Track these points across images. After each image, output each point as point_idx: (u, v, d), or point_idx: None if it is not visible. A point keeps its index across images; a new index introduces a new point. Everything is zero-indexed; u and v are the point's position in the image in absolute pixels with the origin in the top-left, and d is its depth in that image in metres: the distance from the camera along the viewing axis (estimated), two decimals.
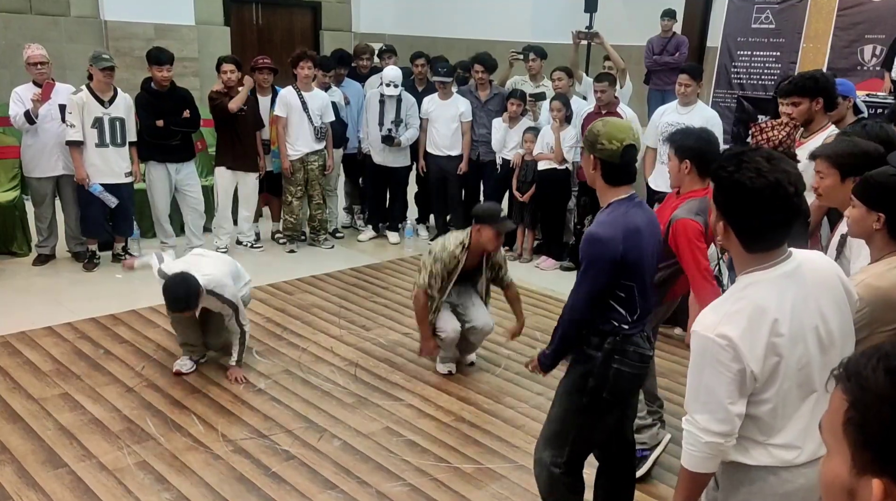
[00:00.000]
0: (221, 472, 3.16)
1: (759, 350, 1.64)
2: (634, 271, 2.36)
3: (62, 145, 5.33)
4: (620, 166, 2.35)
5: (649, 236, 2.41)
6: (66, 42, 8.04)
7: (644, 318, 2.46)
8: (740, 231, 1.69)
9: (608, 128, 2.34)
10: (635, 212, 2.38)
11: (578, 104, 6.09)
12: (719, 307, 1.70)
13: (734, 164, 1.67)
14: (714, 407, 1.68)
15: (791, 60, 7.29)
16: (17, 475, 3.07)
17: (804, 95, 3.50)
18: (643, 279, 2.41)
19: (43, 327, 4.50)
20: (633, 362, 2.44)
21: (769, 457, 1.73)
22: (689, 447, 1.74)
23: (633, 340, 2.44)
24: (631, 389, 2.55)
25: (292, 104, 5.95)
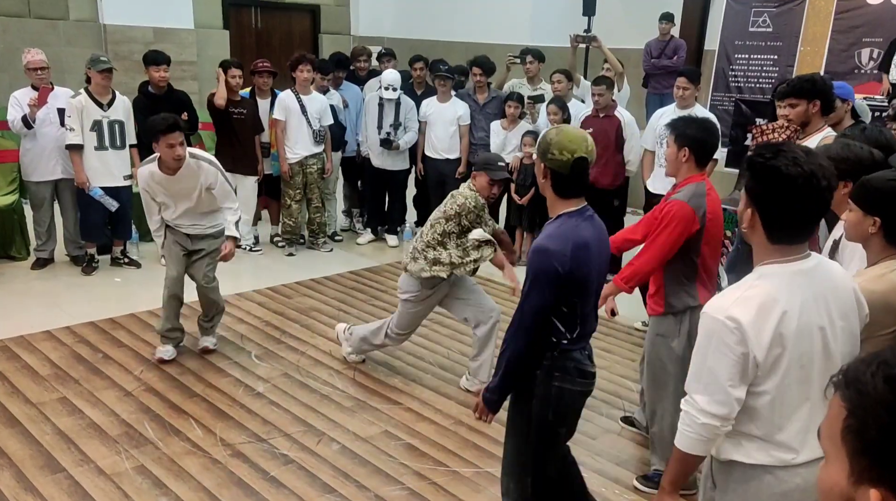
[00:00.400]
0: (220, 476, 3.15)
1: (765, 338, 1.67)
2: (580, 288, 2.28)
3: (61, 149, 5.34)
4: (569, 178, 2.27)
5: (598, 252, 2.33)
6: (64, 46, 8.04)
7: (585, 336, 2.39)
8: (768, 219, 1.70)
9: (560, 137, 2.26)
10: (585, 226, 2.30)
11: (577, 107, 6.09)
12: (732, 292, 1.73)
13: (772, 152, 1.69)
14: (714, 389, 1.71)
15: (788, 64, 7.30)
16: (16, 479, 3.07)
17: (801, 97, 3.51)
18: (588, 296, 2.34)
19: (41, 330, 4.50)
20: (574, 378, 2.36)
21: (767, 456, 1.74)
22: (685, 427, 1.77)
23: (573, 355, 2.35)
24: (576, 408, 2.47)
25: (291, 108, 5.95)
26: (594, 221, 2.35)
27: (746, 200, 1.74)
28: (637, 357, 4.50)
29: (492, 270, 4.25)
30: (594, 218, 2.36)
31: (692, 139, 2.95)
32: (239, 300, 5.17)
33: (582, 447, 3.50)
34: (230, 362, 4.23)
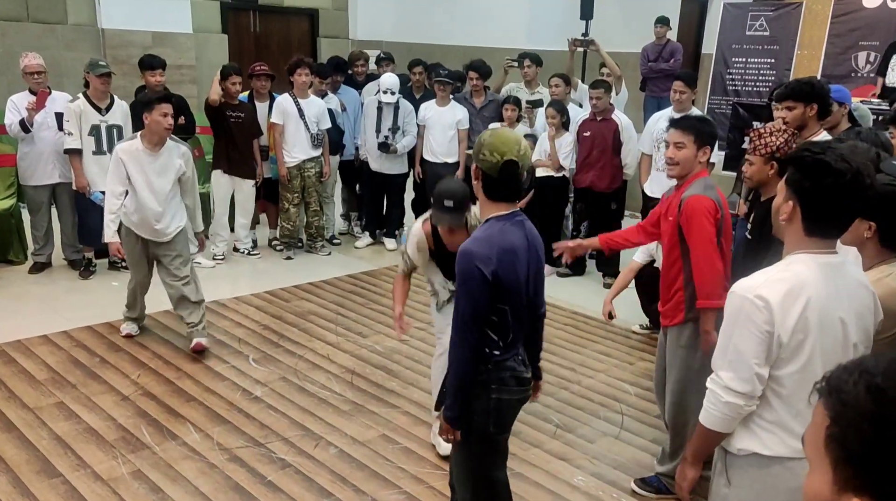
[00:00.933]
0: (217, 481, 3.15)
1: (790, 321, 1.71)
2: (508, 294, 2.21)
3: (58, 154, 5.33)
4: (498, 181, 2.21)
5: (527, 257, 2.26)
6: (63, 50, 8.04)
7: (517, 342, 2.35)
8: (810, 212, 1.73)
9: (493, 139, 2.21)
10: (513, 231, 2.23)
11: (574, 111, 6.10)
12: (762, 274, 1.77)
13: (820, 147, 1.73)
14: (739, 366, 1.76)
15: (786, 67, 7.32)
16: (12, 484, 3.06)
17: (799, 100, 3.52)
18: (518, 302, 2.27)
19: (39, 335, 4.49)
20: (512, 387, 2.33)
21: (782, 446, 1.78)
22: (709, 404, 1.83)
23: (507, 365, 2.31)
24: (514, 416, 2.45)
25: (289, 111, 5.96)
26: (525, 226, 2.28)
27: (788, 192, 1.77)
28: (635, 360, 4.50)
29: None
30: (525, 223, 2.29)
31: (711, 137, 2.99)
32: (237, 304, 5.17)
33: (579, 450, 3.51)
34: (227, 366, 4.23)
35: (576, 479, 3.27)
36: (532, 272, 2.31)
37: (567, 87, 6.17)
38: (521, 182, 2.24)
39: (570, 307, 5.36)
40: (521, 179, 2.23)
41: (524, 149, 2.22)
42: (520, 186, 2.26)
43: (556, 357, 4.52)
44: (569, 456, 3.44)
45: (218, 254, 6.06)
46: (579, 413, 3.86)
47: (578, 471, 3.33)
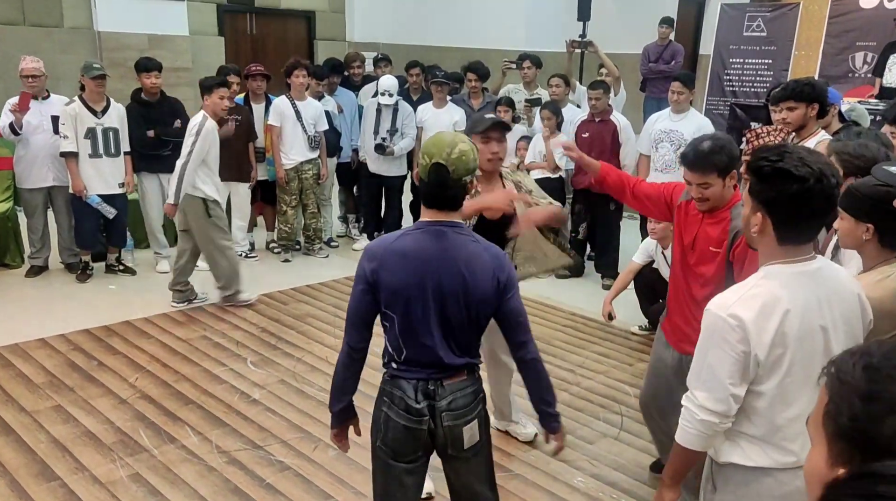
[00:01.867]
0: (215, 484, 3.13)
1: (767, 337, 1.67)
2: (392, 302, 2.05)
3: (53, 157, 5.32)
4: (427, 185, 2.06)
5: (426, 269, 2.02)
6: (59, 53, 8.02)
7: (413, 365, 2.11)
8: (779, 221, 1.70)
9: (429, 142, 2.09)
10: (420, 238, 2.05)
11: (572, 112, 6.10)
12: (736, 291, 1.74)
13: (776, 154, 1.69)
14: (714, 386, 1.72)
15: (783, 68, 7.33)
16: (10, 488, 3.04)
17: (801, 100, 3.52)
18: (406, 315, 2.06)
19: (36, 338, 4.47)
20: (400, 410, 2.12)
21: (766, 458, 1.75)
22: (685, 423, 1.79)
23: (400, 384, 2.13)
24: (406, 445, 2.15)
25: (286, 113, 5.95)
26: (445, 236, 2.05)
27: (754, 204, 1.73)
28: (634, 361, 4.49)
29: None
30: (442, 234, 2.05)
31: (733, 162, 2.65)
32: (234, 307, 5.15)
33: (579, 451, 3.50)
34: (226, 369, 4.21)
35: (575, 480, 3.26)
36: (438, 288, 2.03)
37: (566, 87, 6.17)
38: (448, 188, 2.04)
39: (569, 309, 5.36)
40: (450, 184, 2.03)
41: (459, 153, 2.02)
42: (447, 193, 2.05)
43: (556, 359, 4.51)
44: (568, 458, 3.43)
45: None
46: (579, 415, 3.85)
47: (578, 472, 3.32)
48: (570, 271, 6.04)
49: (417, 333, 2.08)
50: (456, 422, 2.13)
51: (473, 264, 2.05)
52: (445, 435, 2.13)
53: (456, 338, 2.10)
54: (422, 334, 2.08)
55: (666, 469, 1.92)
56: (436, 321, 2.06)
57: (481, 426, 2.20)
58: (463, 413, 2.13)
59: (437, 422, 2.12)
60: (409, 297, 2.04)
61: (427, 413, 2.11)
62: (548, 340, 4.79)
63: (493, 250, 2.12)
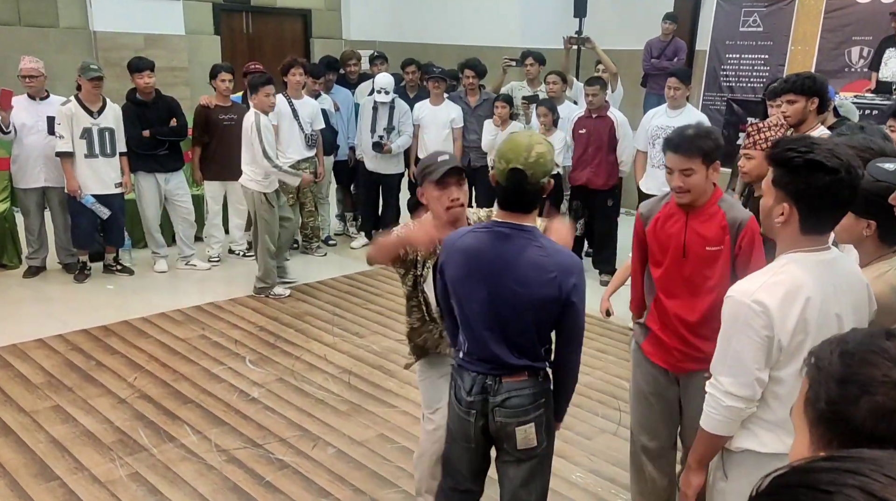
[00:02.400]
0: (215, 482, 3.14)
1: (790, 323, 1.71)
2: (453, 292, 2.17)
3: (47, 157, 5.30)
4: (503, 189, 2.07)
5: (485, 267, 2.07)
6: (55, 53, 8.00)
7: (474, 359, 2.16)
8: (806, 212, 1.72)
9: (505, 146, 2.10)
10: (480, 236, 2.11)
11: (569, 109, 6.10)
12: (758, 278, 1.76)
13: (805, 145, 1.70)
14: (739, 371, 1.76)
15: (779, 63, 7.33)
16: (10, 488, 3.05)
17: (801, 94, 3.51)
18: (464, 310, 2.14)
19: (34, 339, 4.47)
20: (455, 398, 2.25)
21: (780, 444, 1.78)
22: (710, 409, 1.83)
23: (462, 375, 2.21)
24: (460, 431, 2.25)
25: (283, 112, 5.94)
26: (509, 238, 2.06)
27: (780, 195, 1.74)
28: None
29: None
30: (508, 238, 2.06)
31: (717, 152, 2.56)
32: (233, 306, 5.15)
33: (577, 447, 3.50)
34: (224, 367, 4.22)
35: (574, 476, 3.27)
36: (498, 289, 2.06)
37: (563, 84, 6.17)
38: (525, 193, 2.05)
39: None
40: (528, 188, 2.04)
41: (536, 156, 2.02)
42: (524, 198, 2.07)
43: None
44: (566, 453, 3.44)
45: (213, 256, 6.04)
46: (577, 410, 3.85)
47: (576, 468, 3.33)
48: None
49: (475, 329, 2.14)
50: (508, 420, 2.16)
51: (531, 272, 2.03)
52: (498, 431, 2.19)
53: (512, 340, 2.12)
54: (479, 330, 2.13)
55: (691, 455, 1.96)
56: (492, 321, 2.11)
57: (540, 432, 2.20)
58: (517, 413, 2.16)
59: (489, 418, 2.19)
60: (466, 294, 2.13)
61: (476, 408, 2.18)
62: None
63: (562, 259, 2.06)
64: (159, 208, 5.78)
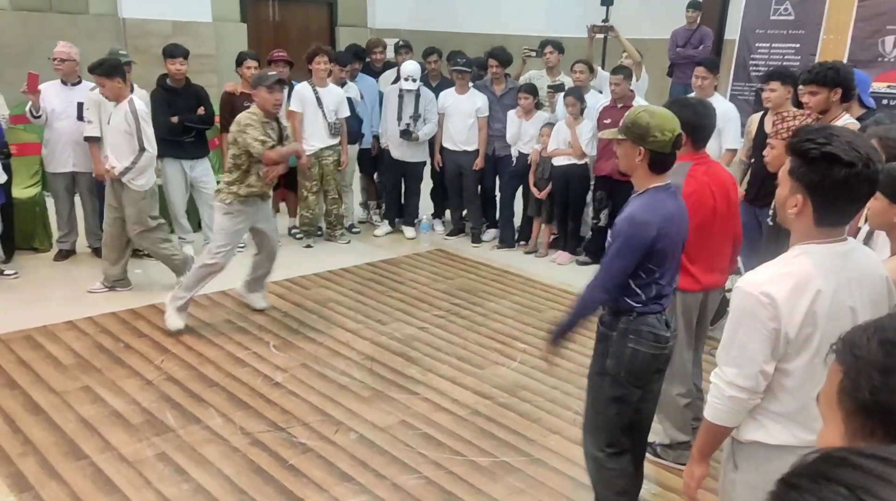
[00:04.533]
0: (239, 464, 3.19)
1: (798, 316, 1.69)
2: (662, 258, 2.42)
3: (75, 142, 5.38)
4: (670, 156, 2.41)
5: (680, 225, 2.49)
6: (84, 40, 8.07)
7: (660, 299, 2.51)
8: (821, 204, 1.69)
9: (657, 120, 2.36)
10: (670, 201, 2.45)
11: (594, 98, 6.05)
12: (767, 269, 1.75)
13: (823, 136, 1.67)
14: (743, 363, 1.74)
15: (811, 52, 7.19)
16: (40, 466, 3.12)
17: (823, 85, 3.47)
18: (668, 265, 2.47)
19: (64, 321, 4.56)
20: (649, 341, 2.50)
21: (790, 436, 1.77)
22: (713, 399, 1.82)
23: (648, 320, 2.49)
24: (648, 370, 2.56)
25: (307, 99, 5.97)
26: (677, 197, 2.49)
27: (794, 185, 1.72)
28: None
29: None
30: (677, 195, 2.50)
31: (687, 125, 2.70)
32: None
33: None
34: (248, 352, 4.27)
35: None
36: (681, 238, 2.53)
37: (590, 73, 6.12)
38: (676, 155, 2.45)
39: None
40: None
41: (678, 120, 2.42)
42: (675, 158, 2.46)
43: (576, 345, 4.50)
44: None
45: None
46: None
47: None
48: (590, 257, 6.03)
49: (670, 278, 2.51)
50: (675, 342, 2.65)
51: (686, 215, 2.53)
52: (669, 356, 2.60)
53: (674, 274, 2.56)
54: (670, 277, 2.52)
55: (695, 445, 1.95)
56: (676, 263, 2.53)
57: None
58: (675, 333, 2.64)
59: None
60: (673, 250, 2.45)
61: (672, 339, 2.56)
62: None
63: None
64: (185, 194, 5.84)
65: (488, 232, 6.69)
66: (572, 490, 3.11)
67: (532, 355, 4.31)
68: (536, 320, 4.87)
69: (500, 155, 6.37)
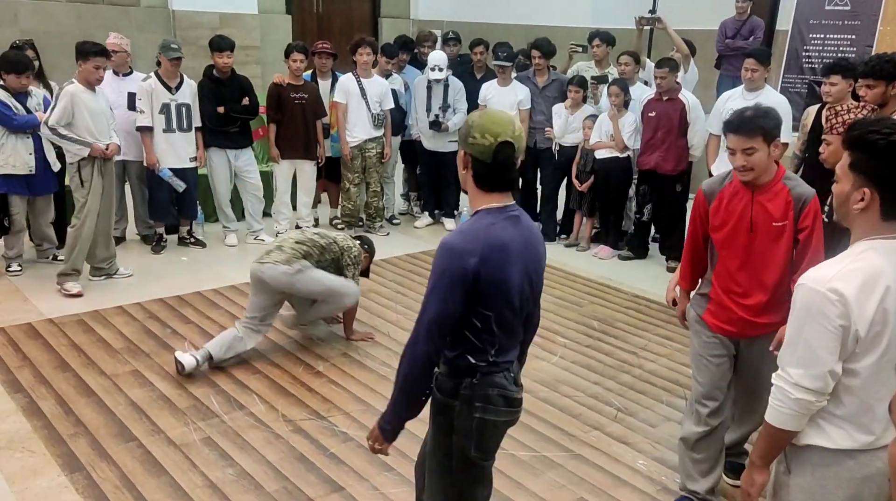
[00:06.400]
0: (282, 451, 3.24)
1: (868, 312, 1.63)
2: (494, 297, 1.93)
3: (126, 132, 5.49)
4: (493, 167, 1.93)
5: (523, 257, 1.97)
6: (135, 31, 8.28)
7: (508, 353, 2.05)
8: (888, 196, 1.64)
9: (484, 120, 1.95)
10: (505, 226, 1.95)
11: (641, 90, 5.96)
12: (834, 265, 1.68)
13: (888, 127, 1.63)
14: (810, 363, 1.67)
15: (867, 44, 6.95)
16: (91, 447, 3.22)
17: (880, 78, 3.36)
18: (507, 308, 1.97)
19: (114, 306, 4.69)
20: (499, 407, 2.02)
21: (849, 440, 1.71)
22: (777, 402, 1.74)
23: (495, 380, 2.01)
24: (500, 440, 2.16)
25: (351, 90, 6.00)
26: (521, 221, 1.99)
27: (859, 180, 1.67)
28: None
29: None
30: (521, 218, 2.00)
31: (779, 130, 2.62)
32: None
33: (641, 434, 3.46)
34: (290, 341, 4.33)
35: (638, 463, 3.24)
36: (530, 274, 2.01)
37: (636, 65, 6.03)
38: (515, 168, 1.99)
39: (632, 290, 5.28)
40: (516, 164, 1.98)
41: (518, 130, 1.96)
42: (515, 174, 2.01)
43: (618, 341, 4.46)
44: (630, 440, 3.41)
45: (281, 231, 6.18)
46: (641, 397, 3.81)
47: (640, 455, 3.30)
48: (632, 252, 5.96)
49: (513, 324, 2.03)
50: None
51: (541, 249, 2.09)
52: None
53: (526, 320, 2.13)
54: (517, 323, 2.05)
55: (754, 451, 1.86)
56: (521, 311, 2.05)
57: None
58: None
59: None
60: (510, 289, 1.95)
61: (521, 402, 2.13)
62: (610, 321, 4.74)
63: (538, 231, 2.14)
64: (230, 183, 5.94)
65: None
66: (613, 486, 3.08)
67: (572, 350, 4.28)
68: (577, 314, 4.83)
69: (542, 147, 6.31)
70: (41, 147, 4.98)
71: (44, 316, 4.50)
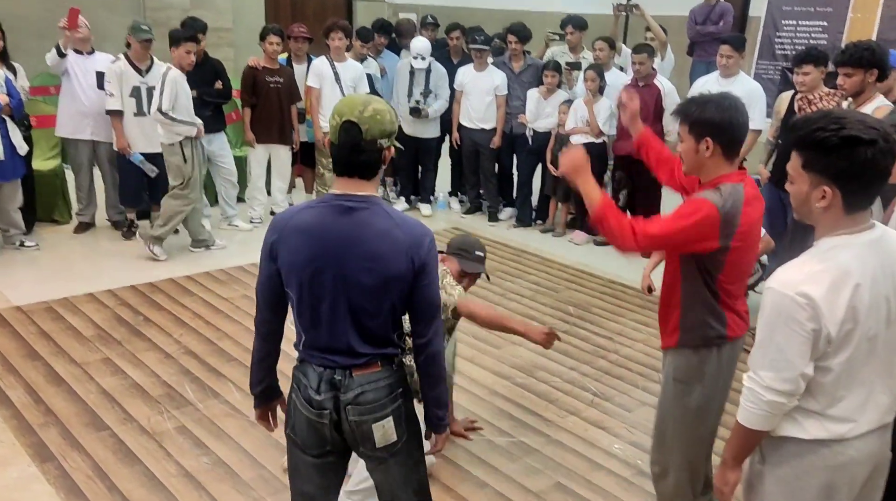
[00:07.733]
0: (258, 439, 3.21)
1: (839, 313, 1.63)
2: (290, 281, 1.89)
3: (98, 113, 5.37)
4: (337, 148, 1.86)
5: (326, 249, 1.83)
6: (104, 11, 8.07)
7: (319, 351, 1.91)
8: (850, 191, 1.64)
9: (340, 102, 1.90)
10: (321, 212, 1.85)
11: (617, 76, 5.97)
12: (801, 266, 1.68)
13: (833, 122, 1.61)
14: (782, 366, 1.67)
15: (838, 31, 7.03)
16: (62, 436, 3.16)
17: (858, 67, 3.39)
18: (304, 298, 1.88)
19: (85, 293, 4.60)
20: (302, 400, 1.94)
21: (823, 431, 1.73)
22: (749, 404, 1.74)
23: (306, 371, 1.94)
24: (310, 438, 1.98)
25: (325, 74, 5.92)
26: (354, 215, 1.84)
27: (816, 179, 1.65)
28: None
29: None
30: (350, 212, 1.85)
31: (712, 125, 2.20)
32: None
33: (618, 419, 3.50)
34: None
35: (613, 447, 3.27)
36: (340, 271, 1.84)
37: (611, 51, 6.03)
38: (361, 152, 1.85)
39: (607, 276, 5.31)
40: (364, 147, 1.84)
41: (373, 111, 1.85)
42: (360, 158, 1.86)
43: (593, 326, 4.49)
44: (606, 425, 3.44)
45: (255, 218, 6.11)
46: (617, 382, 3.84)
47: (616, 439, 3.33)
48: None
49: (319, 317, 1.89)
50: (363, 418, 1.91)
51: (381, 245, 1.84)
52: (353, 431, 1.94)
53: (365, 326, 1.89)
54: (325, 319, 1.88)
55: (727, 450, 1.86)
56: (341, 307, 1.87)
57: (399, 425, 1.96)
58: (372, 409, 1.91)
59: (342, 417, 1.92)
60: (306, 279, 1.86)
61: (328, 407, 1.91)
62: (586, 307, 4.77)
63: (411, 228, 1.87)
64: (203, 168, 5.83)
65: (505, 210, 6.66)
66: (589, 470, 3.11)
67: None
68: (553, 300, 4.86)
69: (517, 133, 6.31)
70: (7, 133, 4.84)
71: (11, 304, 4.40)
